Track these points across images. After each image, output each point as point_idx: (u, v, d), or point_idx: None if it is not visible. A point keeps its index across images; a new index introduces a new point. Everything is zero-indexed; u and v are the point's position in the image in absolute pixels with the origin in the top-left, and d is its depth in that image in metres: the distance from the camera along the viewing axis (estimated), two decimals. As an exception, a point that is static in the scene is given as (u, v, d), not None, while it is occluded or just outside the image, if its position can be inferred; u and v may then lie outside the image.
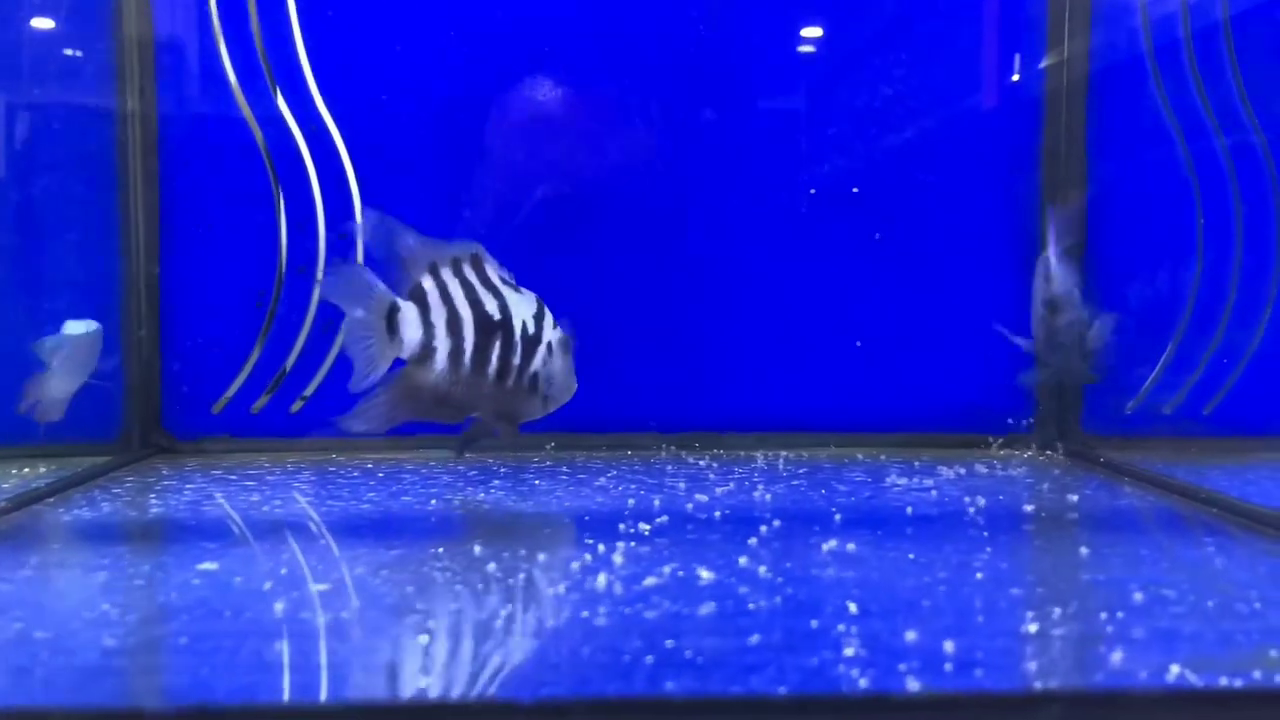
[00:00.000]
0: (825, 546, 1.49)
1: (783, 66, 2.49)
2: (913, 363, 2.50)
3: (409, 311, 1.77)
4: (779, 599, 1.25)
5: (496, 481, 2.02)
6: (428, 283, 1.79)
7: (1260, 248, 2.56)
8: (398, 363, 1.79)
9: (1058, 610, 1.22)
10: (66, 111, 2.29)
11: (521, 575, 1.34)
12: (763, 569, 1.38)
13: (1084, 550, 1.51)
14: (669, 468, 2.18)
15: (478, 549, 1.47)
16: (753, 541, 1.53)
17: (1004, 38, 2.54)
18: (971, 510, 1.76)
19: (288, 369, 2.32)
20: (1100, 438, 2.50)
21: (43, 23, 2.28)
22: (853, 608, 1.21)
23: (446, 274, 1.80)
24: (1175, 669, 1.00)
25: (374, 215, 1.80)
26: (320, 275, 2.31)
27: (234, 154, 2.30)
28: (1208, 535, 1.62)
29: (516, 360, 1.87)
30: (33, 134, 2.26)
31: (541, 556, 1.42)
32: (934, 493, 1.90)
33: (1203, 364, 2.57)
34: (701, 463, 2.25)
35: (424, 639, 1.10)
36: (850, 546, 1.49)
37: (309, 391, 2.33)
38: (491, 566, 1.37)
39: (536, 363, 1.89)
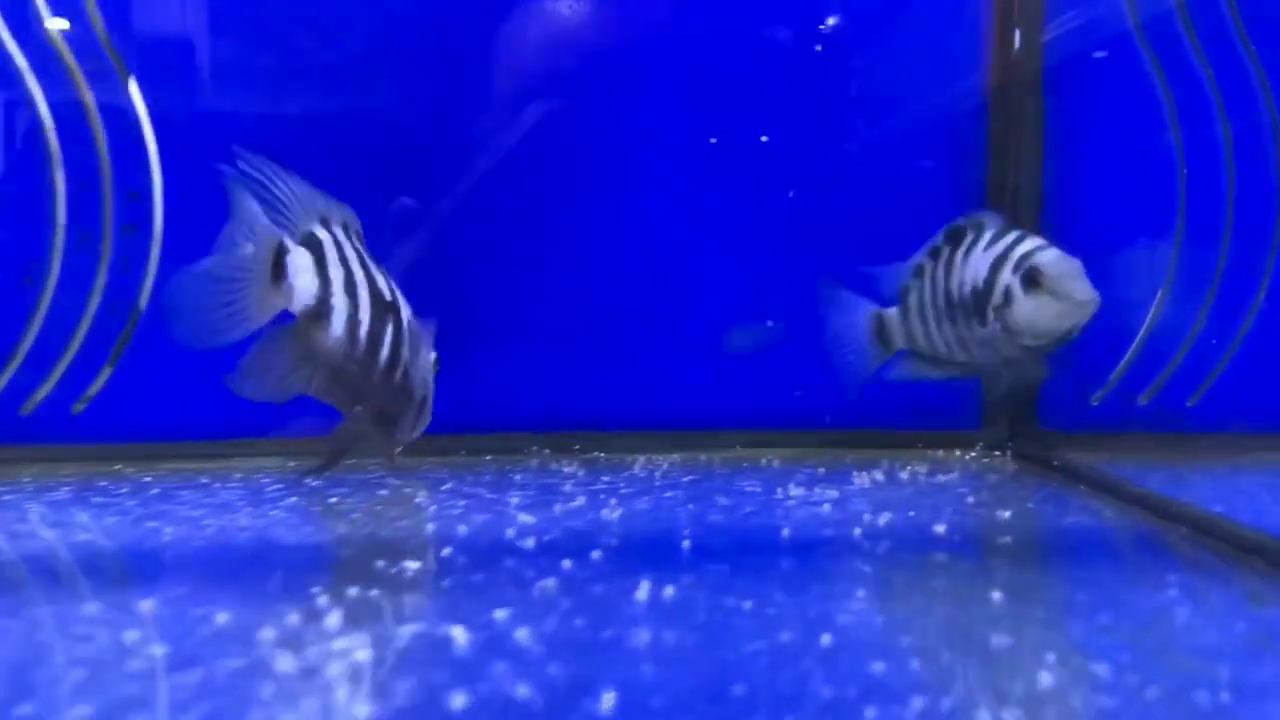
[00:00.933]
0: (639, 593, 1.08)
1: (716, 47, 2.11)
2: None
3: (300, 256, 1.41)
4: (523, 687, 0.84)
5: (291, 500, 1.60)
6: (321, 233, 1.44)
7: (1255, 213, 2.15)
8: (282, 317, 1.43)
9: (921, 702, 0.80)
10: None
11: (164, 650, 0.93)
12: (524, 633, 0.96)
13: (996, 595, 1.08)
14: (519, 477, 1.76)
15: (148, 605, 1.05)
16: (548, 584, 1.11)
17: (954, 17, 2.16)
18: (863, 533, 1.34)
19: (68, 360, 1.91)
20: (1063, 435, 2.11)
21: None
22: (609, 701, 0.80)
23: (337, 230, 1.48)
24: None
25: (250, 156, 1.40)
26: (107, 244, 1.90)
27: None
28: (1172, 570, 1.20)
29: (405, 353, 1.54)
30: None
31: (223, 617, 1.01)
32: (827, 508, 1.49)
33: (1185, 346, 2.16)
34: (568, 470, 1.84)
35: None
36: (669, 591, 1.08)
37: (95, 388, 1.92)
38: (133, 636, 0.96)
39: (422, 366, 1.57)
